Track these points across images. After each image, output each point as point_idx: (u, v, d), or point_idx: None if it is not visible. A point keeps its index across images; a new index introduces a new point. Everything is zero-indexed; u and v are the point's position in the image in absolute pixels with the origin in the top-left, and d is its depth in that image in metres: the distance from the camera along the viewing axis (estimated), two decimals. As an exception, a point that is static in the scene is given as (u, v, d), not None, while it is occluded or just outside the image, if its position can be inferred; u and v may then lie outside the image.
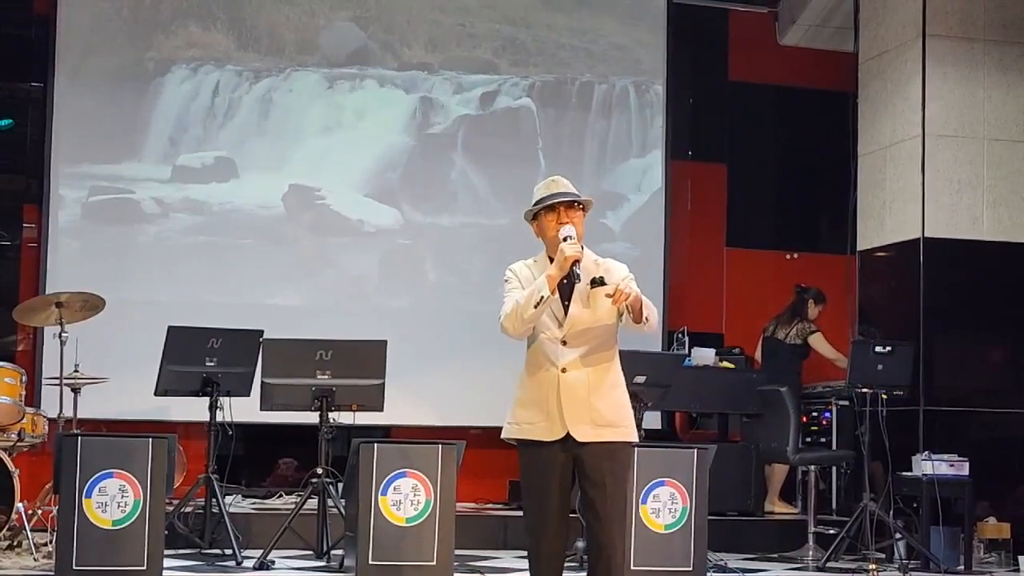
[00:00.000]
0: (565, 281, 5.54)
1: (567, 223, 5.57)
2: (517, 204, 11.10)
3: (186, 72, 10.86)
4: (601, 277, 5.46)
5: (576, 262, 5.45)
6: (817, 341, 10.51)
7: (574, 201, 5.64)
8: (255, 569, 7.60)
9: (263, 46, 11.04)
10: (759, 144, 12.35)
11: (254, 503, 9.72)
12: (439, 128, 11.32)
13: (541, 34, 11.58)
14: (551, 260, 5.59)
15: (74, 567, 6.77)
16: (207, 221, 10.78)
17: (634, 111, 11.67)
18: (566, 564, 7.24)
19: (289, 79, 11.05)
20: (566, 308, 5.58)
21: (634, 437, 5.67)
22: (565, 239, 5.48)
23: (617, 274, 5.59)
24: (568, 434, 5.51)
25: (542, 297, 5.44)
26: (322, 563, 7.94)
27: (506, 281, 5.71)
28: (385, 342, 8.15)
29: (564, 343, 5.57)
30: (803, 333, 10.53)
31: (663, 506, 7.40)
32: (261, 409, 8.11)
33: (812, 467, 9.27)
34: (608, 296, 5.40)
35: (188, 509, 8.40)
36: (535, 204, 5.69)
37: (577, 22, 11.66)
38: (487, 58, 11.45)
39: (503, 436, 5.70)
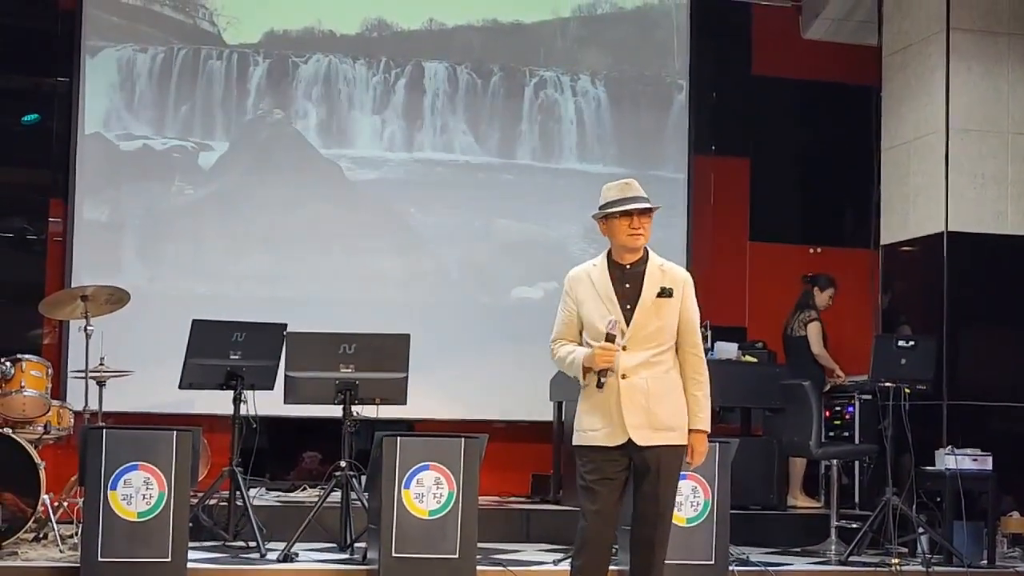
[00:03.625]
0: (627, 285, 5.74)
1: (641, 229, 5.72)
2: (541, 201, 11.22)
3: (213, 64, 10.90)
4: (670, 289, 5.70)
5: (605, 371, 5.66)
6: (812, 330, 10.47)
7: (647, 208, 5.76)
8: (279, 561, 7.62)
9: (293, 36, 11.07)
10: (782, 138, 12.32)
11: (278, 496, 9.75)
12: (465, 124, 11.33)
13: (565, 29, 11.59)
14: (614, 263, 5.79)
15: (99, 559, 6.82)
16: (233, 215, 10.82)
17: (658, 106, 11.67)
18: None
19: (318, 68, 11.07)
20: (629, 315, 5.68)
21: (685, 440, 5.84)
22: (609, 336, 5.64)
23: (679, 280, 5.80)
24: (629, 440, 5.69)
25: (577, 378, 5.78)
26: (345, 555, 7.96)
27: (564, 294, 5.91)
28: (408, 336, 8.15)
29: (624, 349, 5.68)
30: (804, 322, 10.50)
31: (685, 499, 7.41)
32: (285, 402, 8.12)
33: (835, 461, 9.26)
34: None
35: (212, 501, 8.43)
36: (607, 204, 5.79)
37: (601, 16, 11.66)
38: (512, 54, 11.46)
39: (574, 443, 5.89)
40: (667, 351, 5.78)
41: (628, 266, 5.76)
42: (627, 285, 5.71)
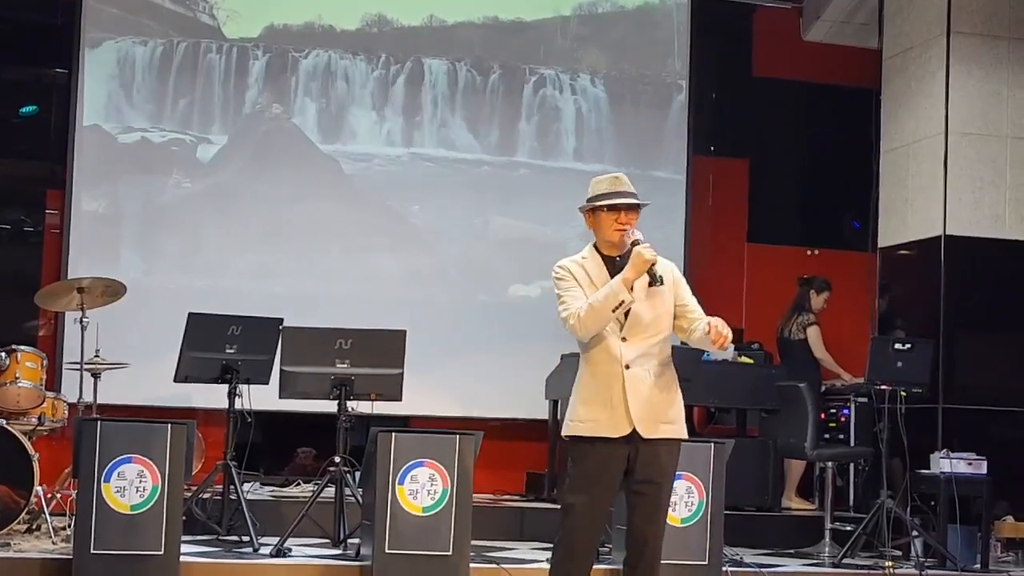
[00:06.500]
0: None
1: (628, 225, 5.67)
2: (539, 199, 11.22)
3: (213, 57, 10.89)
4: (661, 276, 5.59)
5: (652, 264, 5.55)
6: (812, 334, 10.46)
7: (635, 204, 5.71)
8: (272, 556, 7.61)
9: (293, 31, 11.07)
10: (782, 140, 12.33)
11: (272, 490, 9.74)
12: (464, 121, 11.32)
13: (566, 28, 11.59)
14: (602, 255, 5.73)
15: (92, 551, 6.79)
16: (230, 208, 10.82)
17: (658, 106, 11.67)
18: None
19: (318, 63, 11.07)
20: (626, 307, 5.64)
21: (685, 434, 5.80)
22: (635, 243, 5.58)
23: (666, 270, 5.69)
24: (633, 430, 5.60)
25: (622, 301, 5.53)
26: (339, 551, 7.95)
27: (560, 280, 5.74)
28: (404, 332, 8.15)
29: (624, 340, 5.63)
30: (803, 325, 10.49)
31: (679, 499, 7.39)
32: (280, 397, 8.11)
33: (830, 463, 9.25)
34: (706, 335, 5.54)
35: (206, 495, 8.42)
36: (596, 197, 5.74)
37: (602, 15, 11.66)
38: (512, 51, 11.45)
39: (565, 434, 5.74)
40: (664, 341, 5.72)
41: (617, 259, 5.73)
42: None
